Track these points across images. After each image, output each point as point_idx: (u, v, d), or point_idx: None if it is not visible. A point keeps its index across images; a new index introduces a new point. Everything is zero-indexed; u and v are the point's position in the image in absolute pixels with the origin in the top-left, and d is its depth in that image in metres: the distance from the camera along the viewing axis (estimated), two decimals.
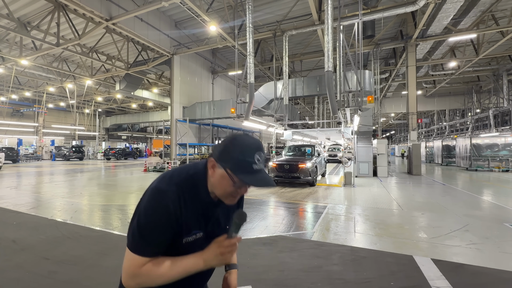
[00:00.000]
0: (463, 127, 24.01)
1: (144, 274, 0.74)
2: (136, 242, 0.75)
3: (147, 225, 0.75)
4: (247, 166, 0.74)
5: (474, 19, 10.95)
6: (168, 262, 0.77)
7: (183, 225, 0.79)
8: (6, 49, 13.84)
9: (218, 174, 0.78)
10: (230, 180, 0.76)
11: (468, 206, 5.68)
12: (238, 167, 0.74)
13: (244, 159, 0.74)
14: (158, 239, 0.76)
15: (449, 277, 2.52)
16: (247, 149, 0.76)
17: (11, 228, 4.19)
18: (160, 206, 0.75)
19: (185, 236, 0.80)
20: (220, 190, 0.80)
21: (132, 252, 0.75)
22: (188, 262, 0.77)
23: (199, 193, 0.82)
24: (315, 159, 8.99)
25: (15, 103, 24.96)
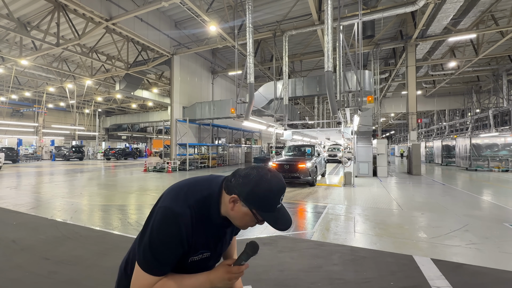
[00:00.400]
0: (462, 127, 24.04)
1: None
2: (149, 262, 0.77)
3: (160, 246, 0.76)
4: (272, 206, 0.79)
5: (473, 19, 10.96)
6: (176, 281, 0.79)
7: (192, 245, 0.82)
8: (6, 49, 13.84)
9: (241, 211, 0.80)
10: (253, 218, 0.80)
11: (468, 206, 5.68)
12: (264, 209, 0.78)
13: (271, 203, 0.78)
14: (170, 259, 0.78)
15: (449, 277, 2.52)
16: (275, 193, 0.78)
17: (11, 228, 4.19)
18: (174, 229, 0.77)
19: (192, 256, 0.83)
20: (241, 223, 0.84)
21: (144, 271, 0.77)
22: (196, 282, 0.81)
23: (211, 215, 0.84)
24: (315, 159, 8.99)
25: (15, 103, 24.95)
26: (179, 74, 15.09)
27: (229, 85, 21.45)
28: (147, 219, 0.83)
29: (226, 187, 0.83)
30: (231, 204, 0.81)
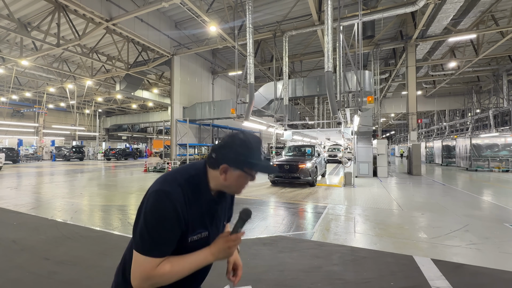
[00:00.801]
0: (463, 127, 24.02)
1: (159, 275, 0.76)
2: (147, 244, 0.76)
3: (156, 227, 0.76)
4: (258, 157, 0.85)
5: (474, 20, 10.96)
6: (179, 259, 0.80)
7: (189, 224, 0.82)
8: (7, 50, 13.86)
9: (234, 176, 0.84)
10: (247, 177, 0.85)
11: (468, 206, 5.68)
12: (253, 162, 0.83)
13: (256, 154, 0.84)
14: (169, 239, 0.78)
15: (449, 277, 2.52)
16: (256, 145, 0.85)
17: (11, 229, 4.19)
18: (167, 207, 0.77)
19: (190, 235, 0.83)
20: (237, 187, 0.87)
21: (144, 254, 0.76)
22: (198, 257, 0.82)
23: (201, 192, 0.86)
24: (315, 159, 8.99)
25: (15, 104, 24.97)
26: (179, 75, 15.10)
27: (229, 86, 21.46)
28: (138, 210, 0.83)
29: (210, 164, 0.87)
30: (223, 175, 0.84)
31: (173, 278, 0.78)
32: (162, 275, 0.76)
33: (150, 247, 0.76)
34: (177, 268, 0.78)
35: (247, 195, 7.00)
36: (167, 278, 0.77)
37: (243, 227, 0.86)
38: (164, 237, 0.77)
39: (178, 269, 0.78)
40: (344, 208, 5.61)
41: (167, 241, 0.78)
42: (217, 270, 1.01)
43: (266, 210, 5.53)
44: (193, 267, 0.81)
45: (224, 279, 1.04)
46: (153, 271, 0.75)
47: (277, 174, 8.59)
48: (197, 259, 0.82)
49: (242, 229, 0.86)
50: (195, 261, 0.81)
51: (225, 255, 0.84)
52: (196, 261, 0.81)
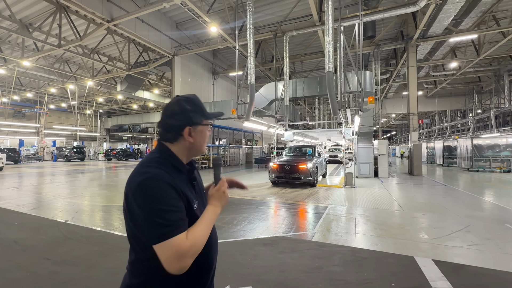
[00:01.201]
0: (464, 127, 23.95)
1: (191, 244, 0.76)
2: (165, 228, 0.74)
3: (164, 209, 0.75)
4: (204, 109, 0.96)
5: (475, 20, 10.95)
6: (196, 224, 0.82)
7: (187, 194, 0.85)
8: (8, 50, 13.92)
9: (198, 133, 0.93)
10: (207, 129, 0.95)
11: (470, 207, 5.66)
12: (207, 113, 0.96)
13: (202, 107, 0.96)
14: (180, 213, 0.78)
15: (450, 278, 2.52)
16: (200, 102, 0.96)
17: (12, 229, 4.20)
18: (161, 187, 0.78)
19: (193, 204, 0.87)
20: (202, 144, 0.95)
21: (168, 239, 0.73)
22: (207, 214, 0.87)
23: (177, 165, 0.89)
24: (315, 159, 8.98)
25: (16, 104, 25.04)
26: (180, 75, 15.11)
27: (230, 86, 21.47)
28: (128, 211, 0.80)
29: (168, 139, 0.91)
30: (189, 137, 0.90)
31: (204, 240, 0.81)
32: (195, 242, 0.77)
33: (170, 229, 0.74)
34: (200, 230, 0.80)
35: (248, 196, 7.00)
36: (200, 242, 0.79)
37: (221, 173, 0.97)
38: (175, 214, 0.77)
39: (201, 230, 0.81)
40: (345, 208, 5.60)
41: (180, 216, 0.78)
42: (218, 270, 1.00)
43: (266, 210, 5.52)
44: (210, 222, 0.85)
45: (224, 279, 1.04)
46: (186, 244, 0.75)
47: (278, 175, 8.59)
48: (209, 216, 0.86)
49: (221, 175, 0.97)
50: (209, 218, 0.86)
51: (225, 200, 0.93)
52: (209, 218, 0.86)
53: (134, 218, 0.79)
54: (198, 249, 0.78)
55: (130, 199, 0.79)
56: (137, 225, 0.79)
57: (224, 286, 2.35)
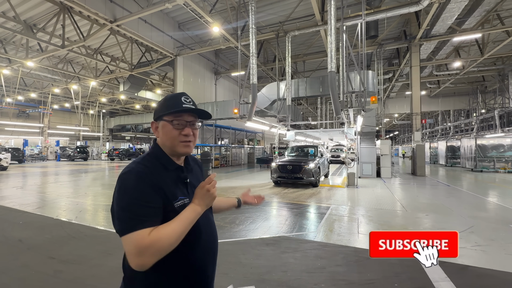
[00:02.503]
0: (468, 127, 23.76)
1: (153, 240, 0.72)
2: (129, 222, 0.74)
3: (131, 202, 0.76)
4: (177, 104, 0.88)
5: (479, 19, 10.86)
6: (169, 222, 0.78)
7: (166, 191, 0.82)
8: (13, 51, 14.05)
9: (161, 128, 0.89)
10: (169, 125, 0.87)
11: (474, 207, 5.62)
12: (171, 107, 0.87)
13: (173, 102, 0.89)
14: (149, 209, 0.77)
15: (454, 279, 2.50)
16: (173, 96, 0.91)
17: (17, 228, 4.25)
18: (133, 180, 0.78)
19: (175, 202, 0.84)
20: (169, 140, 0.88)
21: (129, 232, 0.73)
22: (186, 212, 0.81)
23: (164, 163, 0.88)
24: (318, 159, 8.96)
25: (21, 104, 25.29)
26: (182, 75, 15.16)
27: (232, 86, 21.49)
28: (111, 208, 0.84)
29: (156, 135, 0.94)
30: (157, 133, 0.90)
31: (171, 240, 0.75)
32: (157, 239, 0.73)
33: (133, 223, 0.74)
34: (170, 228, 0.76)
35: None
36: (164, 241, 0.74)
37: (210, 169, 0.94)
38: (142, 209, 0.75)
39: (171, 229, 0.76)
40: (347, 208, 5.58)
41: (148, 211, 0.76)
42: (220, 270, 1.01)
43: (269, 210, 5.53)
44: (186, 221, 0.79)
45: (227, 278, 1.04)
46: (146, 240, 0.72)
47: (280, 175, 8.58)
48: (185, 215, 0.81)
49: (210, 170, 0.93)
50: (184, 217, 0.80)
51: (210, 199, 0.85)
52: (186, 216, 0.80)
53: (113, 210, 0.82)
54: (160, 248, 0.73)
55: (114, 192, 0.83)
56: (113, 216, 0.81)
57: (227, 285, 2.36)
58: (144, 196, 0.77)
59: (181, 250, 0.81)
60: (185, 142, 0.89)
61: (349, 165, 9.41)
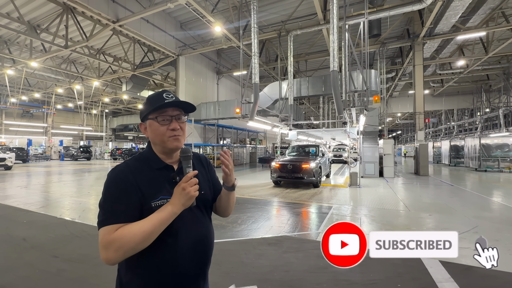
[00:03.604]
0: (472, 127, 23.56)
1: (118, 237, 0.75)
2: (101, 217, 0.80)
3: (109, 199, 0.82)
4: (159, 100, 0.88)
5: (483, 17, 10.73)
6: (140, 222, 0.79)
7: (144, 190, 0.84)
8: (17, 52, 14.16)
9: (149, 127, 0.91)
10: (155, 122, 0.89)
11: (478, 207, 5.57)
12: (153, 105, 0.88)
13: (155, 100, 0.89)
14: (122, 207, 0.80)
15: (458, 279, 2.48)
16: (155, 94, 0.92)
17: (21, 227, 4.29)
18: (112, 179, 0.84)
19: (153, 201, 0.84)
20: (158, 137, 0.90)
21: (101, 226, 0.79)
22: (160, 212, 0.81)
23: (152, 163, 0.91)
24: (319, 159, 8.89)
25: (25, 104, 25.50)
26: (184, 75, 15.19)
27: (234, 86, 21.49)
28: None
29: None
30: (145, 132, 0.93)
31: (136, 238, 0.75)
32: (121, 236, 0.75)
33: (104, 218, 0.79)
34: (137, 227, 0.77)
35: (252, 195, 7.00)
36: (127, 238, 0.74)
37: (190, 166, 0.88)
38: (113, 205, 0.80)
39: (138, 227, 0.76)
40: (350, 208, 5.56)
41: (119, 208, 0.80)
42: (222, 270, 1.00)
43: (270, 210, 5.52)
44: (156, 221, 0.78)
45: (229, 278, 1.03)
46: (110, 236, 0.75)
47: (280, 174, 8.47)
48: (159, 214, 0.80)
49: (190, 168, 0.88)
50: (157, 216, 0.79)
51: (186, 198, 0.81)
52: (158, 216, 0.79)
53: None
54: (123, 244, 0.74)
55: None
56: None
57: (229, 285, 2.36)
58: (117, 194, 0.81)
59: (157, 249, 0.82)
60: (174, 136, 0.89)
61: (352, 165, 9.37)
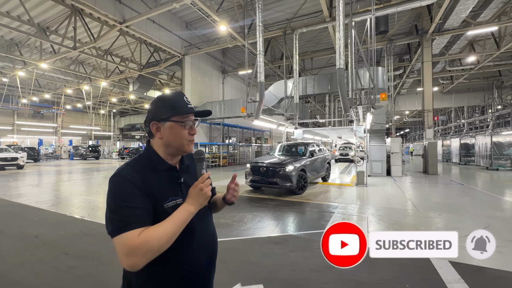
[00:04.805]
0: (482, 124, 23.01)
1: (144, 241, 0.73)
2: (118, 223, 0.76)
3: (120, 205, 0.77)
4: (183, 105, 0.90)
5: (495, 11, 10.43)
6: (161, 222, 0.79)
7: (155, 192, 0.83)
8: (27, 54, 14.51)
9: (167, 129, 0.88)
10: (178, 125, 0.88)
11: (489, 207, 5.43)
12: (179, 108, 0.88)
13: (177, 103, 0.89)
14: (138, 210, 0.78)
15: (468, 280, 2.42)
16: (175, 97, 0.91)
17: (33, 224, 4.40)
18: (121, 183, 0.80)
19: (165, 203, 0.84)
20: (176, 141, 0.89)
21: (120, 234, 0.74)
22: (178, 212, 0.82)
23: (156, 165, 0.89)
24: (305, 160, 7.40)
25: (36, 105, 26.15)
26: (190, 74, 15.28)
27: (239, 85, 21.51)
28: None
29: (149, 136, 0.92)
30: (158, 133, 0.89)
31: (162, 240, 0.75)
32: (147, 240, 0.73)
33: (122, 224, 0.75)
34: (161, 229, 0.77)
35: (257, 194, 7.00)
36: (154, 241, 0.74)
37: (204, 168, 0.91)
38: (130, 210, 0.77)
39: (162, 229, 0.77)
40: (357, 207, 5.50)
41: (137, 212, 0.77)
42: (228, 268, 1.01)
43: (276, 208, 5.51)
44: (178, 222, 0.80)
45: (235, 276, 1.04)
46: (135, 241, 0.73)
47: (252, 178, 7.09)
48: (178, 214, 0.81)
49: (204, 169, 0.91)
50: (177, 217, 0.80)
51: (203, 198, 0.85)
52: (178, 216, 0.81)
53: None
54: (150, 248, 0.73)
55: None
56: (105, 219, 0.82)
57: (235, 283, 2.37)
58: (131, 198, 0.78)
59: (174, 250, 0.82)
60: (191, 141, 0.92)
61: (358, 164, 9.26)
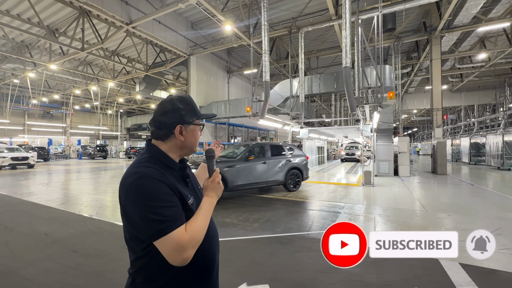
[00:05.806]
0: (494, 123, 22.41)
1: (191, 236, 0.78)
2: (163, 224, 0.75)
3: (158, 204, 0.77)
4: (197, 109, 0.98)
5: (507, 6, 10.13)
6: (194, 217, 0.85)
7: (180, 190, 0.86)
8: (37, 55, 14.82)
9: (190, 132, 0.94)
10: (197, 128, 0.97)
11: (501, 208, 5.29)
12: (198, 112, 0.97)
13: (194, 106, 0.97)
14: (175, 208, 0.80)
15: (479, 283, 2.37)
16: (191, 100, 0.98)
17: (43, 222, 4.49)
18: (154, 184, 0.79)
19: (188, 200, 0.88)
20: (195, 142, 0.97)
21: (167, 234, 0.75)
22: (204, 205, 0.89)
23: (168, 164, 0.90)
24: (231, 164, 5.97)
25: (45, 106, 26.75)
26: (195, 74, 15.35)
27: (244, 84, 21.52)
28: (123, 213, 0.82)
29: (159, 137, 0.92)
30: (180, 136, 0.92)
31: (203, 231, 0.83)
32: (194, 232, 0.79)
33: (167, 224, 0.76)
34: (199, 222, 0.83)
35: (263, 194, 6.99)
36: (200, 233, 0.81)
37: (214, 164, 0.99)
38: (170, 209, 0.78)
39: (199, 222, 0.83)
40: (363, 208, 5.44)
41: (175, 210, 0.79)
42: (234, 267, 1.01)
43: (282, 208, 5.49)
44: (208, 213, 0.88)
45: (240, 276, 1.04)
46: (185, 236, 0.77)
47: None
48: (206, 207, 0.89)
49: (214, 166, 0.99)
50: (206, 209, 0.88)
51: (220, 190, 0.95)
52: (207, 209, 0.88)
53: (130, 219, 0.80)
54: (198, 240, 0.80)
55: (124, 201, 0.81)
56: (134, 224, 0.80)
57: (241, 283, 2.36)
58: (166, 197, 0.79)
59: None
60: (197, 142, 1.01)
61: (365, 163, 9.14)
